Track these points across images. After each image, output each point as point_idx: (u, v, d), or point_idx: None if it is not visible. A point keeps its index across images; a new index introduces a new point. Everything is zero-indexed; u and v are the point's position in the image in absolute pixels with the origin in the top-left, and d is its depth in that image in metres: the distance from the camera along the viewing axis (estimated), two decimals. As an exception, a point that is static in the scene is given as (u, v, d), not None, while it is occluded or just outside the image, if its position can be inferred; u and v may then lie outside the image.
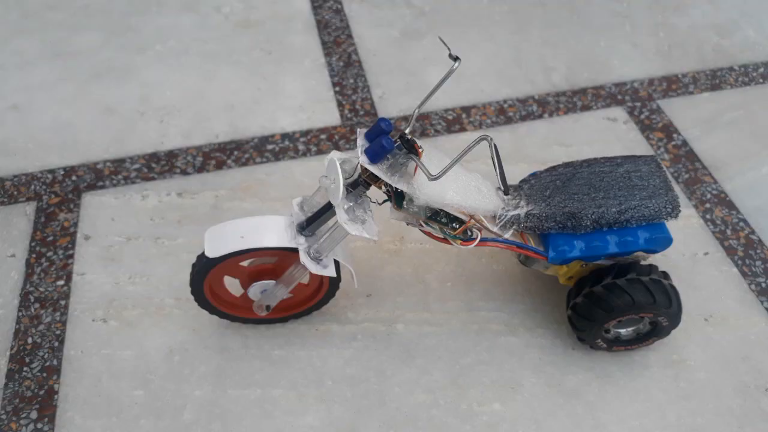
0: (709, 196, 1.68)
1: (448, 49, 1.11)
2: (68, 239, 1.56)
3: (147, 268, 1.51)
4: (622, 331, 1.35)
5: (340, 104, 1.91)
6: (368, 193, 1.17)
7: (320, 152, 1.78)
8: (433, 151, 1.14)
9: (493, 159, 1.08)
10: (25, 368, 1.35)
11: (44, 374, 1.34)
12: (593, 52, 2.08)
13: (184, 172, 1.71)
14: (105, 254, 1.53)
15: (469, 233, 1.19)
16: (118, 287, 1.47)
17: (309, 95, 1.93)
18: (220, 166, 1.73)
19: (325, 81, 1.98)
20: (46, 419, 1.28)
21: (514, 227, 1.22)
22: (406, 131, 1.09)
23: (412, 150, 1.08)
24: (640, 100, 1.92)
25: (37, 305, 1.44)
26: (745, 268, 1.53)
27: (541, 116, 1.87)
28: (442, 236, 1.19)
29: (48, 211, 1.62)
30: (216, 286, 1.31)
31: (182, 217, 1.61)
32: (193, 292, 1.28)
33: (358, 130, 1.13)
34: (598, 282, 1.25)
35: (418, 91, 1.93)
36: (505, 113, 1.88)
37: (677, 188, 1.69)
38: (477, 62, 2.03)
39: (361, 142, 1.11)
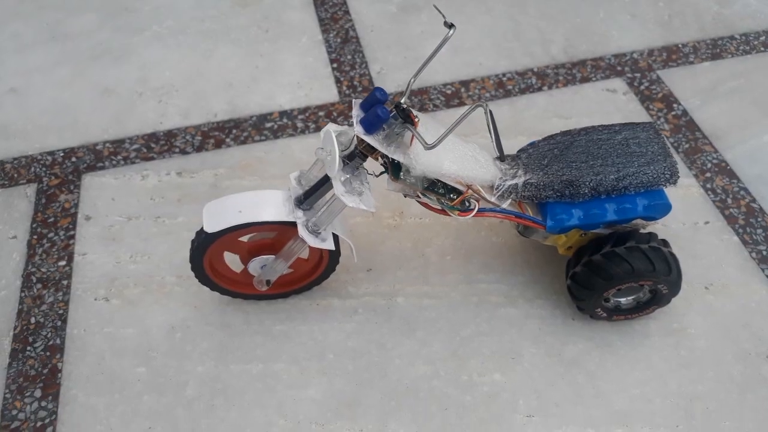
0: (709, 165, 1.67)
1: (443, 16, 1.10)
2: (69, 220, 1.57)
3: (148, 247, 1.51)
4: (622, 299, 1.35)
5: (338, 81, 1.90)
6: (366, 165, 1.16)
7: (318, 129, 1.77)
8: (430, 121, 1.13)
9: (488, 126, 1.07)
10: (28, 348, 1.36)
11: (47, 353, 1.35)
12: (592, 23, 2.06)
13: (183, 152, 1.72)
14: (106, 234, 1.54)
15: (467, 204, 1.19)
16: (120, 266, 1.48)
17: (307, 72, 1.93)
18: (219, 144, 1.73)
19: (322, 58, 1.97)
20: (50, 397, 1.29)
21: (512, 197, 1.22)
22: (402, 101, 1.09)
23: (407, 119, 1.07)
24: (639, 70, 1.91)
25: (39, 285, 1.45)
26: (745, 236, 1.53)
27: (540, 89, 1.86)
28: (439, 207, 1.19)
29: (48, 193, 1.63)
30: (216, 262, 1.31)
31: (182, 195, 1.61)
32: (193, 269, 1.28)
33: (354, 100, 1.12)
34: (597, 251, 1.25)
35: (417, 66, 1.91)
36: (503, 86, 1.87)
37: (677, 158, 1.68)
38: (475, 36, 2.02)
39: (357, 112, 1.10)
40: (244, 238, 1.30)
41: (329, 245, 1.22)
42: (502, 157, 1.17)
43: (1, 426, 1.25)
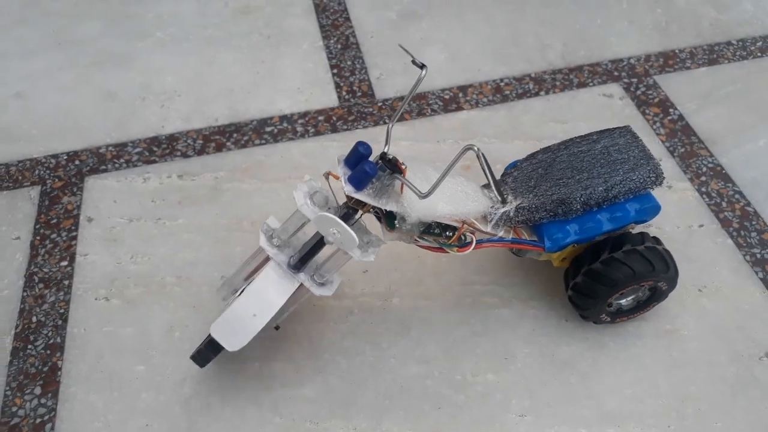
0: (704, 169, 1.68)
1: (412, 57, 1.09)
2: (72, 221, 1.60)
3: (148, 248, 1.54)
4: (623, 302, 1.36)
5: (337, 86, 1.93)
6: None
7: (318, 133, 1.80)
8: (416, 164, 1.13)
9: (483, 168, 1.06)
10: (29, 346, 1.38)
11: (48, 351, 1.37)
12: (590, 29, 2.08)
13: (185, 155, 1.74)
14: (107, 235, 1.57)
15: (464, 238, 1.19)
16: (120, 267, 1.51)
17: (307, 78, 1.95)
18: (219, 148, 1.76)
19: (323, 63, 1.99)
20: (49, 395, 1.31)
21: (506, 224, 1.22)
22: (386, 150, 1.08)
23: (395, 169, 1.07)
24: (636, 76, 1.92)
25: (41, 285, 1.48)
26: (740, 239, 1.54)
27: (537, 94, 1.88)
28: (437, 246, 1.19)
29: (52, 195, 1.66)
30: None
31: (183, 198, 1.64)
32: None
33: (337, 158, 1.10)
34: (595, 259, 1.26)
35: (416, 72, 1.94)
36: (501, 92, 1.89)
37: (673, 162, 1.69)
38: (473, 42, 2.04)
39: (343, 170, 1.08)
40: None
41: (334, 288, 1.21)
42: (504, 200, 1.17)
43: (1, 422, 1.27)
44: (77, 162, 1.74)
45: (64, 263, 1.52)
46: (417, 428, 1.26)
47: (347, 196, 1.09)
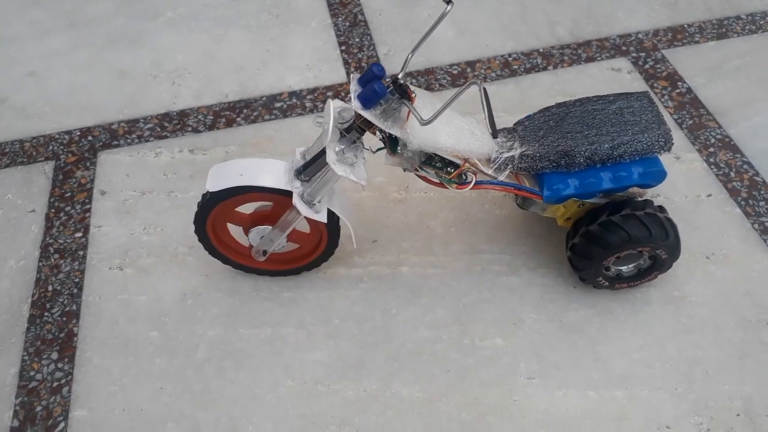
0: (713, 140, 1.68)
1: None
2: (85, 195, 1.62)
3: (161, 220, 1.56)
4: (623, 268, 1.37)
5: (346, 62, 1.94)
6: (367, 143, 1.18)
7: (327, 109, 1.81)
8: (428, 97, 1.15)
9: (482, 103, 1.08)
10: (46, 313, 1.41)
11: (64, 318, 1.40)
12: (598, 5, 2.08)
13: (196, 130, 1.76)
14: (120, 208, 1.59)
15: (464, 177, 1.21)
16: (133, 238, 1.53)
17: (316, 55, 1.97)
18: (230, 123, 1.78)
19: (331, 41, 2.01)
20: (66, 359, 1.34)
21: (509, 169, 1.24)
22: (399, 76, 1.10)
23: (404, 95, 1.09)
24: (644, 50, 1.92)
25: (56, 256, 1.50)
26: (748, 208, 1.54)
27: (545, 68, 1.89)
28: (437, 180, 1.21)
29: (65, 170, 1.68)
30: (221, 232, 1.36)
31: (194, 171, 1.66)
32: (197, 231, 1.32)
33: (352, 75, 1.14)
34: (594, 221, 1.27)
35: (424, 47, 1.92)
36: (509, 66, 1.90)
37: (681, 133, 1.70)
38: (482, 18, 2.05)
39: (354, 87, 1.12)
40: (247, 210, 1.33)
41: (322, 218, 1.24)
42: (494, 134, 1.18)
43: (20, 385, 1.30)
44: (90, 138, 1.76)
45: (79, 234, 1.54)
46: (426, 390, 1.28)
47: (356, 113, 1.12)
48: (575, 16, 2.05)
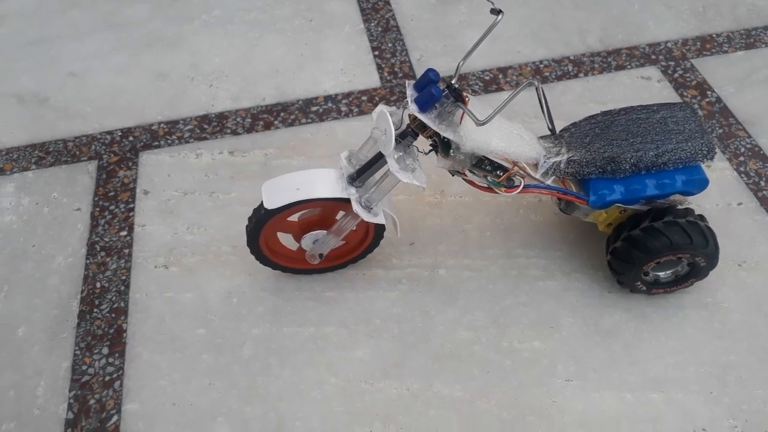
0: (743, 149, 1.71)
1: (492, 3, 1.17)
2: (128, 194, 1.67)
3: (203, 220, 1.60)
4: (661, 273, 1.40)
5: (379, 67, 1.98)
6: (415, 143, 1.23)
7: (361, 113, 1.85)
8: (478, 102, 1.19)
9: (540, 102, 1.13)
10: (95, 310, 1.45)
11: (113, 315, 1.44)
12: (627, 14, 2.11)
13: (235, 133, 1.80)
14: (163, 207, 1.63)
15: (513, 180, 1.25)
16: (177, 237, 1.57)
17: (350, 59, 2.01)
18: (268, 126, 1.82)
19: (364, 45, 2.05)
20: (116, 354, 1.38)
21: (555, 174, 1.27)
22: (453, 81, 1.15)
23: (459, 98, 1.13)
24: (674, 59, 1.96)
25: (103, 254, 1.55)
26: (778, 217, 1.57)
27: (576, 76, 1.92)
28: (486, 185, 1.25)
29: (108, 169, 1.73)
30: (271, 241, 1.39)
31: (235, 173, 1.70)
32: (250, 245, 1.35)
33: (407, 81, 1.18)
34: (636, 226, 1.31)
35: (456, 53, 1.99)
36: (540, 73, 1.93)
37: (711, 142, 1.73)
38: (513, 26, 2.08)
39: (410, 92, 1.16)
40: (294, 218, 1.37)
41: (381, 220, 1.28)
42: (553, 131, 1.23)
43: (73, 379, 1.34)
44: (131, 138, 1.80)
45: (124, 233, 1.59)
46: (467, 390, 1.31)
47: (410, 117, 1.15)
48: (604, 24, 2.08)
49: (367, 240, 1.44)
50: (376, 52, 2.03)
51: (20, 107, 1.90)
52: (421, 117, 1.13)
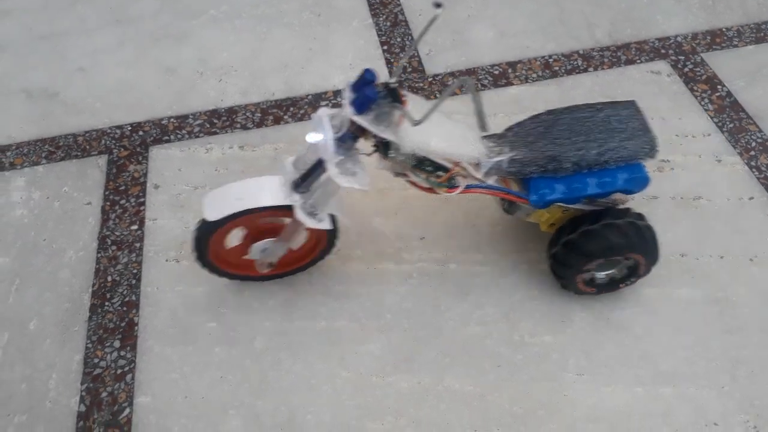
0: (753, 144, 1.71)
1: None
2: (139, 188, 1.67)
3: (213, 214, 1.60)
4: (602, 273, 1.38)
5: (388, 62, 1.97)
6: (359, 145, 1.18)
7: (371, 107, 1.85)
8: (421, 101, 1.16)
9: (473, 99, 1.09)
10: (106, 303, 1.46)
11: (124, 308, 1.45)
12: (636, 8, 2.10)
13: (245, 127, 1.80)
14: (174, 201, 1.64)
15: (454, 181, 1.23)
16: (188, 231, 1.57)
17: (358, 54, 2.00)
18: (278, 121, 1.82)
19: (373, 40, 2.04)
20: (128, 347, 1.39)
21: (497, 174, 1.26)
22: (392, 80, 1.12)
23: (396, 99, 1.10)
24: (683, 53, 1.95)
25: (114, 247, 1.55)
26: (789, 211, 1.57)
27: (586, 70, 1.91)
28: (427, 185, 1.22)
29: (119, 164, 1.73)
30: (221, 252, 1.36)
31: (245, 167, 1.70)
32: (197, 258, 1.32)
33: (346, 83, 1.14)
34: (575, 230, 1.29)
35: (465, 48, 1.99)
36: (550, 68, 1.93)
37: (722, 137, 1.72)
38: (521, 21, 2.08)
39: (348, 94, 1.12)
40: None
41: (326, 225, 1.24)
42: (482, 127, 1.15)
43: (85, 372, 1.35)
44: (141, 132, 1.81)
45: (134, 227, 1.59)
46: (478, 384, 1.31)
47: (350, 120, 1.12)
48: (613, 18, 2.07)
49: (320, 245, 1.41)
50: (385, 47, 2.02)
51: (30, 102, 1.90)
52: (358, 119, 1.10)
